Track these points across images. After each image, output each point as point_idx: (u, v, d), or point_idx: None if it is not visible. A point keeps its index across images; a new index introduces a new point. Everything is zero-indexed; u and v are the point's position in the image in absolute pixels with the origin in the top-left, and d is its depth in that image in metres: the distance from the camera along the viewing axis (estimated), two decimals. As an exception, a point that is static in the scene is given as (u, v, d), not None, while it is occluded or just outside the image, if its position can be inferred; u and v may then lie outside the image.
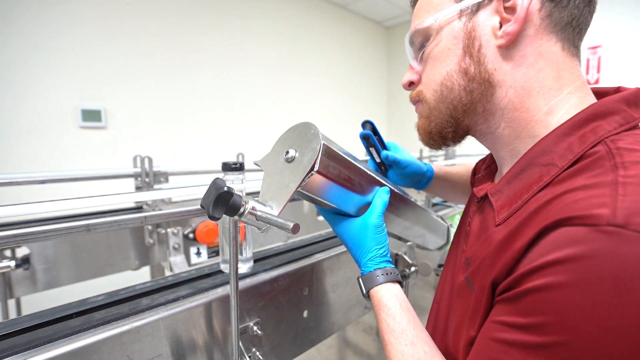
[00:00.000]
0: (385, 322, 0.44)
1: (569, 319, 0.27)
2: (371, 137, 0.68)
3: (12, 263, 0.97)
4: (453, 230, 0.84)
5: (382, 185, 0.53)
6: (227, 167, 0.58)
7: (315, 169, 0.42)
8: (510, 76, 0.41)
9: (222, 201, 0.39)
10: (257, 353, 0.61)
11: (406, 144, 0.89)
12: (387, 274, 0.48)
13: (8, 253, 1.02)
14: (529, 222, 0.33)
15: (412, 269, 0.84)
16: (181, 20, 2.53)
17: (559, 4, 0.39)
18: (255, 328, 0.60)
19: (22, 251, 1.03)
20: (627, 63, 2.80)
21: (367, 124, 0.68)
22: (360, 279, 0.50)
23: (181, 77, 2.55)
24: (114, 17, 2.21)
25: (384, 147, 0.70)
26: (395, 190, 0.57)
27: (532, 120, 0.41)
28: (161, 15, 2.43)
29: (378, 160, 0.70)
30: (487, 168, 0.54)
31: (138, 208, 1.31)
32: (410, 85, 0.51)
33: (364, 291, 0.49)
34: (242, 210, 0.41)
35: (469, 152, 2.04)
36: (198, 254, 1.21)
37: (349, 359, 2.06)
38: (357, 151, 1.09)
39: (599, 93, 0.42)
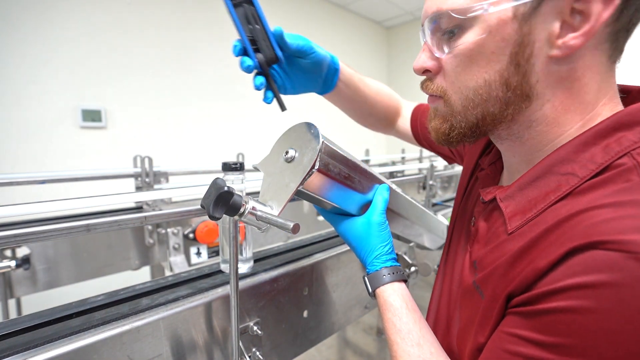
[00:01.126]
0: (392, 322, 0.44)
1: (596, 345, 0.27)
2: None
3: (13, 263, 0.97)
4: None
5: (381, 182, 0.54)
6: (227, 167, 0.58)
7: (315, 168, 0.42)
8: (551, 90, 0.35)
9: (222, 201, 0.39)
10: (257, 353, 0.61)
11: (407, 143, 0.89)
12: (393, 272, 0.47)
13: (8, 253, 1.02)
14: (549, 237, 0.32)
15: (412, 269, 0.84)
16: (181, 20, 2.53)
17: (625, 9, 0.32)
18: (255, 328, 0.60)
19: (22, 251, 1.03)
20: (627, 63, 2.80)
21: None
22: (366, 278, 0.49)
23: (181, 76, 2.55)
24: (114, 17, 2.21)
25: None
26: (394, 188, 0.57)
27: (563, 134, 0.37)
28: (161, 15, 2.43)
29: (255, 36, 0.48)
30: (492, 165, 0.52)
31: (138, 208, 1.31)
32: (425, 72, 0.43)
33: (370, 290, 0.48)
34: (242, 210, 0.41)
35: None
36: (198, 254, 1.21)
37: (349, 359, 2.06)
38: (357, 151, 1.09)
39: (621, 91, 0.40)
